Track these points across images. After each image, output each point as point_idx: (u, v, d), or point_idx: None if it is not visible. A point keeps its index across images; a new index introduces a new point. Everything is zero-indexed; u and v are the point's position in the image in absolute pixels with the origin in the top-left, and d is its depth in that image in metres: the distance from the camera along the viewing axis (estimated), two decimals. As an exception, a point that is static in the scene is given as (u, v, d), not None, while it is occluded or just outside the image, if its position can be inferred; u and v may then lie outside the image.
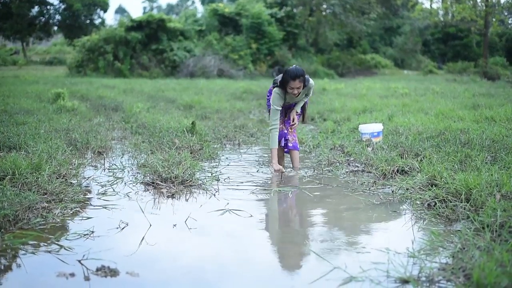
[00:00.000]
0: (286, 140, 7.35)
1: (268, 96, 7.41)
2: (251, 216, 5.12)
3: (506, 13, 46.57)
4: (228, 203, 5.51)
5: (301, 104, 7.44)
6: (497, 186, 5.14)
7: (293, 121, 7.37)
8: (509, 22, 57.20)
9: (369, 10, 41.14)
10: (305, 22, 40.72)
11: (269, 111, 7.31)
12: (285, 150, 7.48)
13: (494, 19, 38.23)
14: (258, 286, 3.59)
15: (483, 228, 4.16)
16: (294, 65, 6.95)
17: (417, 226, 4.69)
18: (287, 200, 5.88)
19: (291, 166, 7.47)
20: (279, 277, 3.72)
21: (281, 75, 6.95)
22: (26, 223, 4.51)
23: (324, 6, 41.61)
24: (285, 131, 7.36)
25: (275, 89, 6.99)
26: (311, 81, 7.10)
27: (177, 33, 36.78)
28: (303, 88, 6.89)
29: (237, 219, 5.03)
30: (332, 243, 4.38)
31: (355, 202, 5.64)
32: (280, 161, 7.41)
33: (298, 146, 7.57)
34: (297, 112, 7.47)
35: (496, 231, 4.10)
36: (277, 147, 7.14)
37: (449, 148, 7.32)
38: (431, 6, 48.56)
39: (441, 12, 45.02)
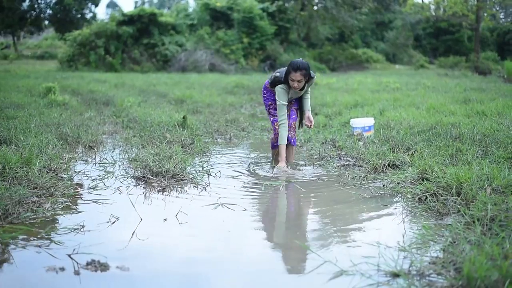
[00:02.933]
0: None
1: (264, 94, 7.34)
2: (245, 209, 5.12)
3: (497, 8, 46.79)
4: (219, 197, 5.51)
5: (308, 101, 7.36)
6: (487, 180, 5.15)
7: (309, 121, 7.28)
8: (501, 17, 57.49)
9: (361, 4, 41.16)
10: (297, 17, 40.70)
11: (266, 106, 7.35)
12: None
13: (485, 14, 38.38)
14: (249, 279, 3.59)
15: (474, 222, 4.16)
16: (301, 59, 6.93)
17: (408, 220, 4.70)
18: (278, 194, 5.88)
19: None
20: (270, 270, 3.72)
21: (278, 71, 6.98)
22: (16, 218, 4.49)
23: (316, 0, 41.64)
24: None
25: (279, 85, 6.87)
26: (314, 79, 7.10)
27: (169, 28, 36.76)
28: (305, 83, 6.84)
29: (228, 213, 5.02)
30: (323, 237, 4.38)
31: (346, 196, 5.64)
32: (289, 157, 7.30)
33: (296, 142, 7.50)
34: (296, 109, 7.43)
35: (486, 225, 4.11)
36: (285, 143, 6.98)
37: (440, 142, 7.33)
38: (422, 1, 48.59)
39: (432, 7, 45.08)
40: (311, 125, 7.26)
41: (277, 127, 7.03)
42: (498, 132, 7.84)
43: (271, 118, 7.23)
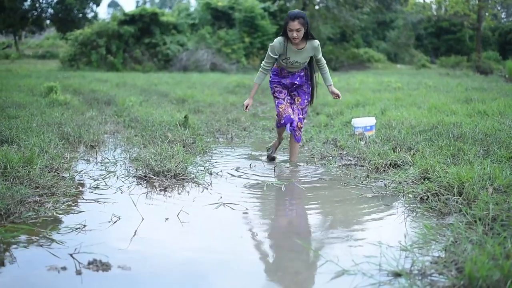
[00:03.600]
0: (293, 127, 7.15)
1: (270, 77, 7.36)
2: (246, 209, 5.12)
3: (499, 8, 46.79)
4: (221, 197, 5.51)
5: (327, 75, 7.23)
6: (489, 179, 5.15)
7: (336, 96, 7.34)
8: (502, 16, 57.54)
9: (363, 4, 41.12)
10: (298, 16, 40.66)
11: (271, 90, 7.43)
12: (289, 128, 7.20)
13: (487, 14, 38.40)
14: (251, 279, 3.59)
15: (476, 221, 4.16)
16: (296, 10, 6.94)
17: (409, 219, 4.70)
18: (279, 194, 5.88)
19: (289, 159, 7.55)
20: (271, 270, 3.72)
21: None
22: (18, 217, 4.49)
23: (318, 0, 41.58)
24: (291, 116, 7.09)
25: (276, 38, 6.93)
26: (317, 42, 6.94)
27: (170, 27, 36.76)
28: (305, 32, 6.68)
29: (229, 213, 5.03)
30: (324, 236, 4.39)
31: (347, 196, 5.64)
32: (292, 156, 7.49)
33: (300, 140, 7.51)
34: (302, 108, 7.32)
35: (488, 224, 4.11)
36: (259, 83, 7.24)
37: (441, 142, 7.33)
38: (424, 0, 48.63)
39: (434, 6, 45.11)
40: (339, 97, 7.38)
41: (280, 110, 7.09)
42: (499, 132, 7.84)
43: (276, 102, 7.22)
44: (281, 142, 7.92)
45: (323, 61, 7.16)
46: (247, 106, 7.24)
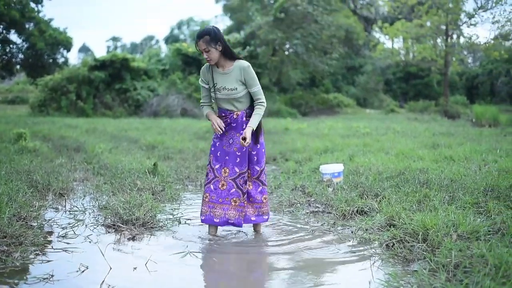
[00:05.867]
0: (230, 220, 5.88)
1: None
2: (214, 259, 5.15)
3: (465, 53, 47.51)
4: (187, 246, 5.54)
5: (256, 117, 5.77)
6: (453, 226, 5.25)
7: (243, 140, 5.59)
8: (469, 61, 58.41)
9: (332, 50, 41.58)
10: (268, 62, 40.97)
11: None
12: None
13: (454, 59, 38.97)
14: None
15: (439, 268, 4.23)
16: (209, 25, 5.95)
17: (375, 266, 4.75)
18: (247, 241, 5.91)
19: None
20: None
21: None
22: (-15, 268, 4.48)
23: (287, 45, 41.96)
24: (225, 206, 5.89)
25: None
26: (246, 62, 5.86)
27: (141, 73, 36.85)
28: (223, 52, 5.77)
29: (196, 261, 5.06)
30: (291, 283, 4.43)
31: (314, 243, 5.69)
32: (213, 230, 6.13)
33: (268, 215, 6.15)
34: (240, 175, 5.91)
35: (452, 271, 4.18)
36: (209, 111, 6.02)
37: (408, 188, 7.43)
38: (392, 46, 49.36)
39: (402, 52, 45.79)
40: (244, 141, 5.61)
41: (206, 198, 5.93)
42: (465, 177, 7.97)
43: (207, 175, 6.04)
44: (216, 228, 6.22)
45: (262, 100, 5.87)
46: (219, 126, 5.82)
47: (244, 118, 5.87)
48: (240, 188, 5.86)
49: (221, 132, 5.84)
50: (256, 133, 5.91)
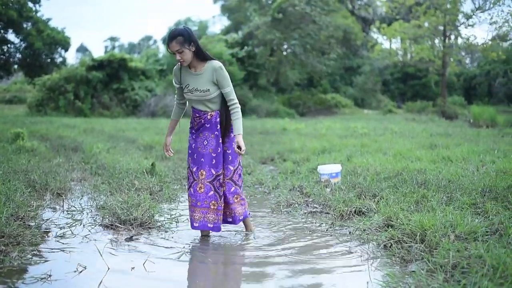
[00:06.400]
0: (209, 224, 5.75)
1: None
2: (209, 260, 5.15)
3: (463, 53, 47.50)
4: (184, 246, 5.54)
5: (237, 122, 5.71)
6: (451, 226, 5.24)
7: (238, 149, 5.62)
8: (467, 62, 58.41)
9: (329, 50, 41.65)
10: (266, 62, 40.99)
11: None
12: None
13: (451, 59, 38.97)
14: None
15: (437, 269, 4.23)
16: (182, 26, 5.80)
17: (373, 267, 4.75)
18: (244, 241, 5.91)
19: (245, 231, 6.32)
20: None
21: None
22: (-18, 267, 4.48)
23: (285, 46, 42.00)
24: (204, 210, 5.74)
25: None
26: (218, 63, 5.68)
27: (139, 73, 36.86)
28: (196, 53, 5.61)
29: (194, 261, 5.06)
30: (288, 284, 4.42)
31: (312, 244, 5.70)
32: (205, 238, 6.04)
33: (248, 212, 6.11)
34: (216, 178, 5.73)
35: (449, 271, 4.18)
36: (176, 118, 6.25)
37: (406, 188, 7.43)
38: (390, 47, 49.33)
39: (400, 53, 45.77)
40: (241, 150, 5.63)
41: (192, 202, 5.79)
42: (463, 178, 7.97)
43: (188, 180, 5.92)
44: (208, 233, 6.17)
45: (235, 100, 5.74)
46: (167, 149, 6.20)
47: (218, 119, 5.75)
48: (217, 191, 5.73)
49: (170, 155, 6.08)
50: (225, 132, 5.81)
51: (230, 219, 5.90)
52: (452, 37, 39.66)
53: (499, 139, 15.06)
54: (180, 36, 5.47)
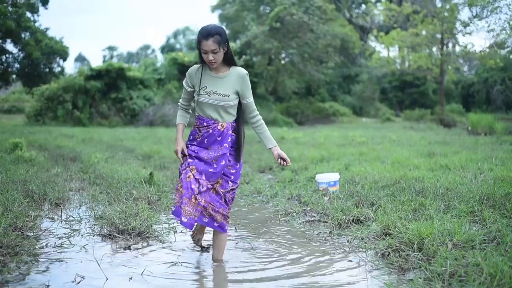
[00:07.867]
0: (183, 218, 5.12)
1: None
2: (207, 270, 5.16)
3: (461, 61, 47.61)
4: (179, 256, 5.55)
5: (266, 134, 5.47)
6: (449, 235, 5.25)
7: (283, 161, 5.39)
8: (464, 69, 58.50)
9: (327, 59, 41.67)
10: (264, 71, 41.06)
11: None
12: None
13: (449, 67, 39.05)
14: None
15: (434, 277, 4.24)
16: (213, 23, 5.17)
17: (371, 275, 4.76)
18: (242, 249, 5.91)
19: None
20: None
21: None
22: (-20, 278, 4.48)
23: (283, 55, 42.07)
24: (185, 200, 5.18)
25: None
26: (244, 70, 5.27)
27: (137, 82, 36.85)
28: (226, 55, 5.15)
29: (191, 272, 5.06)
30: (287, 294, 4.44)
31: (310, 253, 5.70)
32: (199, 233, 5.91)
33: (227, 227, 5.39)
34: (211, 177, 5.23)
35: (447, 280, 4.19)
36: (183, 122, 5.62)
37: (403, 197, 7.45)
38: (388, 55, 49.41)
39: (398, 61, 45.85)
40: (286, 163, 5.40)
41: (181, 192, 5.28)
42: (460, 186, 7.99)
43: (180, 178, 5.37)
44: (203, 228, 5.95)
45: (257, 112, 5.43)
46: (182, 153, 5.41)
47: (230, 131, 5.26)
48: (199, 190, 5.16)
49: (182, 161, 5.37)
50: (239, 151, 5.36)
51: (206, 220, 5.20)
52: (450, 45, 39.87)
53: (497, 147, 15.08)
54: (218, 35, 4.95)
